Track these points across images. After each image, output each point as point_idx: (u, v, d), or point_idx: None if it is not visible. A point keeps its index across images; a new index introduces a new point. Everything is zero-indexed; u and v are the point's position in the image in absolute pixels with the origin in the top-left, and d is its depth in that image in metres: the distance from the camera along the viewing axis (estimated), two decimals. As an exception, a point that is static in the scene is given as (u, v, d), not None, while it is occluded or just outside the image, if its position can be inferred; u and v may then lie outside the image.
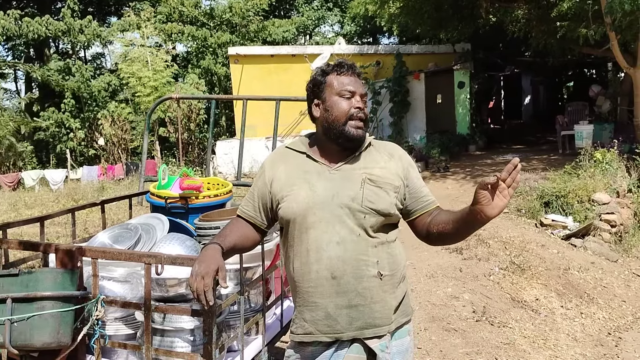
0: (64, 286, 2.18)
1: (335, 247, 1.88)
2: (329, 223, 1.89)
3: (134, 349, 2.34)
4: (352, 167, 1.96)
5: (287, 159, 2.04)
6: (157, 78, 17.74)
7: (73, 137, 20.98)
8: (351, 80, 1.99)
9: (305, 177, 1.96)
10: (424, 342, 4.35)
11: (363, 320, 1.90)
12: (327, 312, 1.90)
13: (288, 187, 1.96)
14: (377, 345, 1.92)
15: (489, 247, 6.41)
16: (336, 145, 1.97)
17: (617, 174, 9.01)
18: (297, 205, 1.92)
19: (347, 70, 2.00)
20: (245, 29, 21.86)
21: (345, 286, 1.88)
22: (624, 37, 10.10)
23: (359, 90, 1.98)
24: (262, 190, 2.04)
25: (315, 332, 1.93)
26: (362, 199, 1.90)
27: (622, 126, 12.38)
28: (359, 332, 1.91)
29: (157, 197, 3.27)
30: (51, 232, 8.24)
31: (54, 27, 20.88)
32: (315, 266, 1.90)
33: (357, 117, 1.94)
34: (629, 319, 5.51)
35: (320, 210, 1.89)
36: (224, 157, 14.90)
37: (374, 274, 1.90)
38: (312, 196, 1.91)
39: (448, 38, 14.51)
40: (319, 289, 1.90)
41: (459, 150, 13.54)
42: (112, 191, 12.63)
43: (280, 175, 2.00)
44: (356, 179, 1.93)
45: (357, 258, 1.88)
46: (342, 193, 1.91)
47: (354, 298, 1.89)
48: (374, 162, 1.98)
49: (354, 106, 1.95)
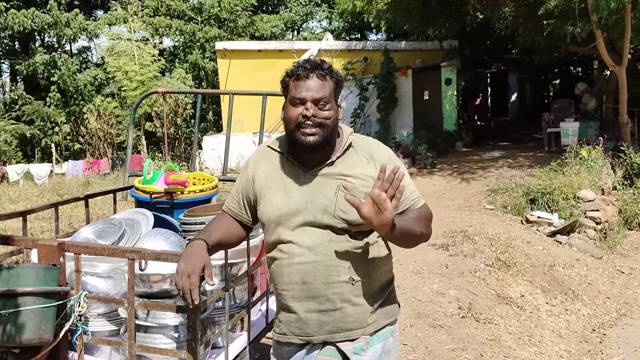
0: (45, 282, 2.14)
1: (306, 252, 1.87)
2: (301, 229, 1.88)
3: (117, 345, 2.31)
4: (328, 172, 1.91)
5: (268, 158, 2.01)
6: (143, 72, 17.63)
7: (58, 131, 20.75)
8: (307, 84, 1.87)
9: (282, 180, 1.94)
10: (410, 339, 4.36)
11: (333, 324, 1.90)
12: (298, 315, 1.91)
13: (266, 189, 1.96)
14: (350, 348, 1.91)
15: (475, 244, 6.44)
16: (302, 151, 1.91)
17: (602, 172, 9.10)
18: (272, 210, 1.92)
19: (305, 72, 1.88)
20: (234, 24, 21.77)
21: (315, 291, 1.88)
22: (610, 36, 10.18)
23: (311, 96, 1.86)
24: (245, 187, 2.03)
25: (288, 333, 1.96)
26: (335, 208, 1.86)
27: (608, 124, 12.49)
28: (330, 336, 1.91)
29: (141, 192, 3.23)
30: (35, 226, 8.15)
31: (40, 19, 20.64)
32: (287, 270, 1.90)
33: (305, 126, 1.85)
34: (613, 315, 5.56)
35: (294, 216, 1.88)
36: (211, 152, 14.84)
37: (344, 280, 1.88)
38: (286, 202, 1.90)
39: (435, 35, 14.56)
40: (290, 292, 1.91)
41: (445, 147, 13.59)
42: (97, 186, 12.52)
43: (260, 174, 1.99)
44: (331, 186, 1.89)
45: (327, 264, 1.87)
46: (316, 200, 1.88)
47: (324, 303, 1.88)
48: (352, 167, 1.92)
49: (301, 114, 1.85)
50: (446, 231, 7.00)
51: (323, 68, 1.90)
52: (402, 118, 14.68)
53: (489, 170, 10.75)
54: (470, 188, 9.74)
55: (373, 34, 24.64)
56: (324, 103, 1.87)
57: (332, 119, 1.89)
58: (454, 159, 12.51)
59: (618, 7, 8.39)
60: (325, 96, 1.87)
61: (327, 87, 1.89)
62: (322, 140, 1.87)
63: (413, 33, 16.16)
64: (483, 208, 8.39)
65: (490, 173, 10.43)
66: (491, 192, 8.99)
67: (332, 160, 1.92)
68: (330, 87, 1.90)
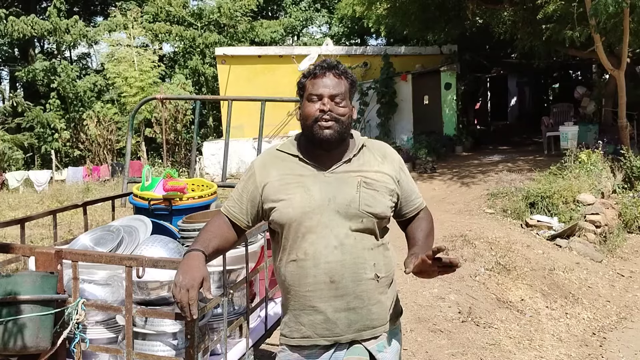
0: (43, 289, 2.14)
1: (333, 251, 1.89)
2: (326, 227, 1.89)
3: (115, 352, 2.31)
4: (347, 170, 1.96)
5: (279, 162, 2.01)
6: (143, 78, 17.64)
7: (58, 137, 20.75)
8: (324, 81, 1.94)
9: (300, 180, 1.94)
10: (410, 343, 4.35)
11: (361, 322, 1.93)
12: (326, 316, 1.91)
13: (283, 192, 1.94)
14: (375, 346, 1.95)
15: (474, 248, 6.43)
16: (318, 148, 1.96)
17: (602, 175, 9.10)
18: (294, 210, 1.91)
19: (322, 71, 1.96)
20: (233, 30, 21.80)
21: (344, 290, 1.90)
22: (609, 39, 10.20)
23: (328, 92, 1.93)
24: (252, 194, 2.01)
25: (314, 335, 1.94)
26: (359, 202, 1.90)
27: (607, 127, 12.49)
28: (357, 335, 1.94)
29: (140, 199, 3.23)
30: (35, 233, 8.15)
31: (40, 26, 20.66)
32: (313, 270, 1.90)
33: (323, 120, 1.91)
34: (614, 319, 5.55)
35: (317, 214, 1.89)
36: (211, 157, 14.84)
37: (371, 277, 1.92)
38: (308, 200, 1.91)
39: (435, 40, 14.58)
40: (317, 293, 1.91)
41: (445, 151, 13.59)
42: (97, 192, 12.51)
43: (273, 179, 1.97)
44: (352, 183, 1.93)
45: (355, 262, 1.90)
46: (339, 197, 1.91)
47: (352, 301, 1.91)
48: (368, 164, 1.99)
49: (319, 109, 1.92)
50: (446, 235, 7.00)
51: (339, 68, 1.99)
52: (402, 123, 14.68)
53: (488, 174, 10.75)
54: (470, 192, 9.73)
55: (373, 39, 24.71)
56: (340, 99, 1.95)
57: (347, 115, 1.96)
58: (454, 164, 12.51)
59: (616, 11, 8.40)
60: (341, 92, 1.95)
61: (342, 85, 1.97)
62: (337, 136, 1.93)
63: (413, 38, 16.17)
64: (483, 212, 8.38)
65: (490, 177, 10.43)
66: (491, 196, 8.98)
67: (349, 158, 1.98)
68: (346, 86, 1.98)
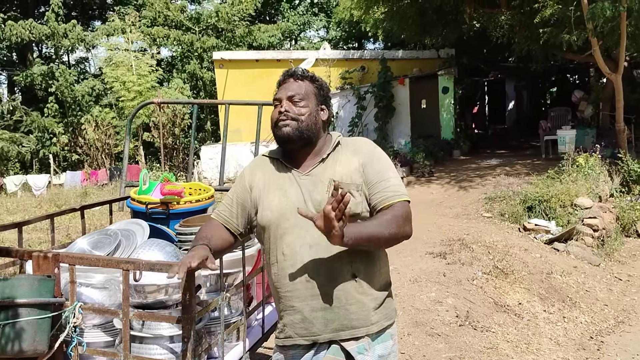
0: (40, 293, 2.14)
1: (308, 250, 1.92)
2: (301, 228, 1.93)
3: (113, 356, 2.31)
4: (322, 171, 2.00)
5: (264, 166, 2.10)
6: (141, 83, 17.66)
7: (56, 142, 20.74)
8: (284, 86, 2.06)
9: (279, 183, 2.02)
10: (407, 347, 4.35)
11: (339, 322, 1.93)
12: (303, 315, 1.94)
13: (264, 194, 2.03)
14: (355, 347, 1.94)
15: (472, 252, 6.44)
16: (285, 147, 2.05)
17: (600, 179, 9.11)
18: (271, 212, 1.99)
19: (283, 78, 2.08)
20: (231, 34, 21.84)
21: (320, 289, 1.92)
22: (606, 43, 10.22)
23: (286, 94, 2.02)
24: (242, 197, 2.09)
25: (294, 335, 1.98)
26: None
27: (605, 131, 12.53)
28: (335, 334, 1.94)
29: (137, 203, 3.24)
30: (33, 237, 8.15)
31: (38, 31, 20.70)
32: (291, 270, 1.94)
33: (280, 120, 2.00)
34: (611, 322, 5.55)
35: (293, 215, 1.91)
36: (209, 162, 14.84)
37: (348, 276, 1.93)
38: (285, 202, 1.98)
39: (432, 44, 14.61)
40: (295, 292, 1.95)
41: (443, 155, 13.61)
42: (95, 196, 12.51)
43: (258, 182, 2.07)
44: (323, 183, 1.97)
45: (330, 261, 1.92)
46: (313, 198, 1.96)
47: (328, 300, 1.92)
48: (339, 162, 2.03)
49: (278, 111, 2.01)
50: (444, 239, 7.01)
51: (299, 73, 2.07)
52: (400, 127, 14.70)
53: (486, 178, 10.76)
54: (467, 196, 9.75)
55: (370, 43, 24.77)
56: (299, 99, 2.01)
57: (306, 115, 2.01)
58: (451, 167, 12.53)
59: (613, 15, 8.44)
60: (299, 93, 2.02)
61: (303, 87, 2.04)
62: (297, 133, 1.98)
63: (410, 42, 16.21)
64: (480, 216, 8.39)
65: (488, 181, 10.44)
66: (489, 200, 9.00)
67: (323, 158, 2.02)
68: (307, 87, 2.05)
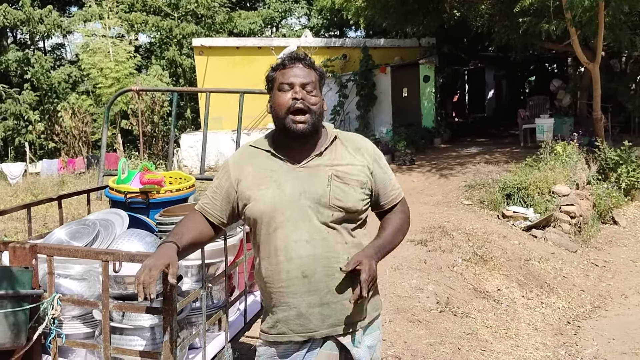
0: (17, 285, 2.11)
1: (304, 245, 1.88)
2: (297, 221, 1.88)
3: (93, 347, 2.28)
4: (318, 164, 1.95)
5: (252, 158, 2.01)
6: (119, 69, 17.35)
7: (32, 129, 20.37)
8: (294, 71, 1.94)
9: (272, 176, 1.94)
10: (389, 334, 4.38)
11: (335, 317, 1.91)
12: (300, 311, 1.90)
13: (255, 188, 1.94)
14: (349, 340, 1.94)
15: (452, 239, 6.50)
16: (292, 140, 1.95)
17: (577, 167, 9.25)
18: (265, 205, 1.91)
19: (291, 62, 1.95)
20: (211, 20, 21.58)
21: (317, 284, 1.89)
22: (584, 33, 10.33)
23: (299, 80, 1.92)
24: (227, 191, 2.01)
25: (289, 331, 1.93)
26: (330, 196, 1.89)
27: (582, 120, 12.68)
28: (332, 330, 1.92)
29: (116, 192, 3.19)
30: (9, 227, 8.01)
31: (12, 16, 20.19)
32: (286, 265, 1.89)
33: (295, 108, 1.89)
34: (588, 307, 5.66)
35: (288, 209, 1.88)
36: (189, 150, 14.70)
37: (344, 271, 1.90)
38: (279, 195, 1.90)
39: (414, 32, 14.62)
40: (290, 288, 1.90)
41: (424, 144, 13.66)
42: (72, 185, 12.33)
43: (247, 175, 1.97)
44: (323, 176, 1.92)
45: (327, 256, 1.89)
46: (310, 191, 1.90)
47: (326, 296, 1.89)
48: (340, 157, 1.97)
49: (291, 97, 1.90)
50: (425, 227, 7.05)
51: (307, 60, 1.98)
52: (381, 115, 14.72)
53: (466, 166, 10.85)
54: (448, 184, 9.82)
55: (352, 31, 24.67)
56: (312, 88, 1.95)
57: (318, 105, 1.96)
58: (432, 156, 12.60)
59: (592, 4, 8.51)
60: (312, 81, 1.95)
61: (312, 75, 1.96)
62: (311, 128, 1.92)
63: (392, 30, 16.18)
64: (461, 204, 8.47)
65: (468, 169, 10.53)
66: (469, 187, 9.07)
67: (321, 151, 1.96)
68: (315, 77, 1.97)
